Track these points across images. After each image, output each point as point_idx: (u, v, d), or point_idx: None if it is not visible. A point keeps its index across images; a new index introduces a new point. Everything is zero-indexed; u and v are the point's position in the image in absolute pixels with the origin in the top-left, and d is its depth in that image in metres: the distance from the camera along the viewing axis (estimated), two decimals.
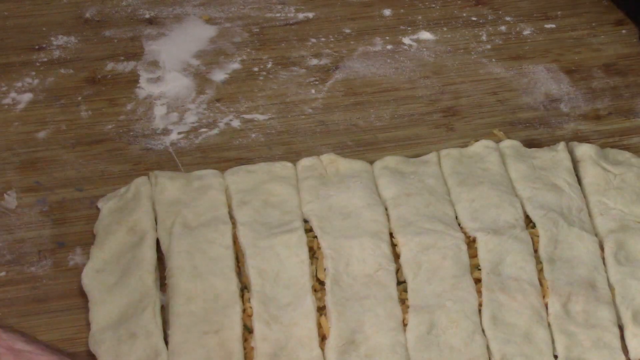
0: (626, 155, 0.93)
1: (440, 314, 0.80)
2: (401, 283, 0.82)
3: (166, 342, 0.78)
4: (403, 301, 0.81)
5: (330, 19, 1.07)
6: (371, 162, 0.91)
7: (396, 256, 0.84)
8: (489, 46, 1.05)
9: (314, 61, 1.03)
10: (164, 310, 0.81)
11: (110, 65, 1.01)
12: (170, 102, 0.98)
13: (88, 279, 0.82)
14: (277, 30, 1.06)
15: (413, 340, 0.79)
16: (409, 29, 1.07)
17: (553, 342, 0.79)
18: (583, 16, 1.09)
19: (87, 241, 0.85)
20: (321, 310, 0.80)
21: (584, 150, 0.92)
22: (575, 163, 0.91)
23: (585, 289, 0.82)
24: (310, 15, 1.08)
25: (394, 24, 1.07)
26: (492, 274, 0.82)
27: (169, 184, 0.88)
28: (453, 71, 1.02)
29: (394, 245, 0.85)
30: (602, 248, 0.85)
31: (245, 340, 0.79)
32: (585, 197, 0.89)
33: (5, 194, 0.89)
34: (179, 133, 0.95)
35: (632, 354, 0.79)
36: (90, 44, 1.03)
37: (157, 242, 0.84)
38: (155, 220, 0.86)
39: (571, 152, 0.93)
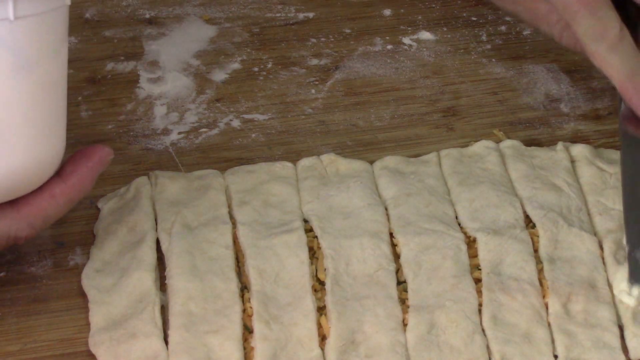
0: (619, 154, 0.93)
1: (440, 313, 0.80)
2: (401, 283, 0.82)
3: (166, 342, 0.78)
4: (403, 301, 0.81)
5: (330, 19, 1.07)
6: (371, 162, 0.91)
7: (396, 256, 0.84)
8: (489, 46, 1.05)
9: (314, 61, 1.03)
10: (164, 310, 0.81)
11: (110, 65, 1.01)
12: (170, 102, 0.98)
13: (88, 279, 0.82)
14: (277, 30, 1.06)
15: (413, 340, 0.79)
16: (409, 29, 1.07)
17: (553, 342, 0.79)
18: None
19: (87, 241, 0.85)
20: (321, 310, 0.80)
21: (579, 151, 0.92)
22: (570, 164, 0.92)
23: (585, 289, 0.82)
24: (310, 15, 1.08)
25: (394, 24, 1.07)
26: (492, 274, 0.82)
27: (169, 184, 0.88)
28: (453, 71, 1.02)
29: (394, 245, 0.85)
30: (601, 248, 0.85)
31: (245, 340, 0.79)
32: (583, 197, 0.89)
33: None
34: (179, 133, 0.95)
35: (632, 354, 0.79)
36: (90, 44, 1.03)
37: (157, 242, 0.85)
38: (155, 220, 0.86)
39: None
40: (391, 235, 0.85)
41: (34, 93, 0.71)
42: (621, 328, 0.81)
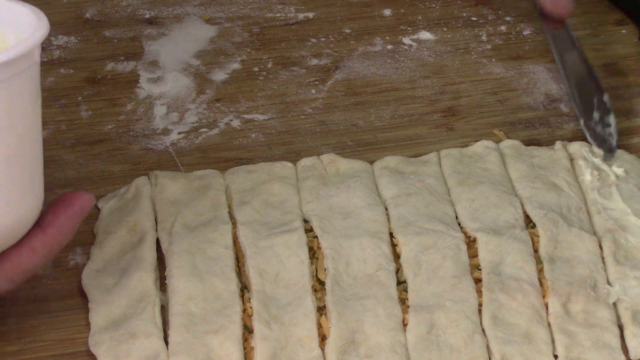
0: (618, 152, 0.93)
1: (440, 314, 0.80)
2: (401, 283, 0.82)
3: (166, 342, 0.78)
4: (403, 301, 0.81)
5: (330, 19, 1.07)
6: (371, 162, 0.91)
7: (396, 256, 0.84)
8: (489, 46, 1.05)
9: (314, 61, 1.03)
10: (164, 310, 0.81)
11: (110, 65, 1.01)
12: (170, 102, 0.98)
13: (88, 279, 0.82)
14: (277, 30, 1.06)
15: (413, 340, 0.79)
16: (409, 29, 1.07)
17: (553, 342, 0.79)
18: (583, 16, 1.09)
19: (87, 241, 0.85)
20: (321, 310, 0.80)
21: (576, 149, 0.92)
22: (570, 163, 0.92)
23: (585, 289, 0.82)
24: (310, 15, 1.08)
25: (394, 24, 1.07)
26: (492, 274, 0.82)
27: (169, 184, 0.88)
28: (453, 71, 1.02)
29: (394, 245, 0.85)
30: (601, 247, 0.85)
31: (245, 340, 0.79)
32: (582, 196, 0.89)
33: None
34: (179, 133, 0.95)
35: (632, 354, 0.79)
36: (90, 44, 1.03)
37: (157, 242, 0.85)
38: (156, 220, 0.86)
39: None
40: (391, 235, 0.85)
41: (9, 152, 0.69)
42: (621, 328, 0.81)
